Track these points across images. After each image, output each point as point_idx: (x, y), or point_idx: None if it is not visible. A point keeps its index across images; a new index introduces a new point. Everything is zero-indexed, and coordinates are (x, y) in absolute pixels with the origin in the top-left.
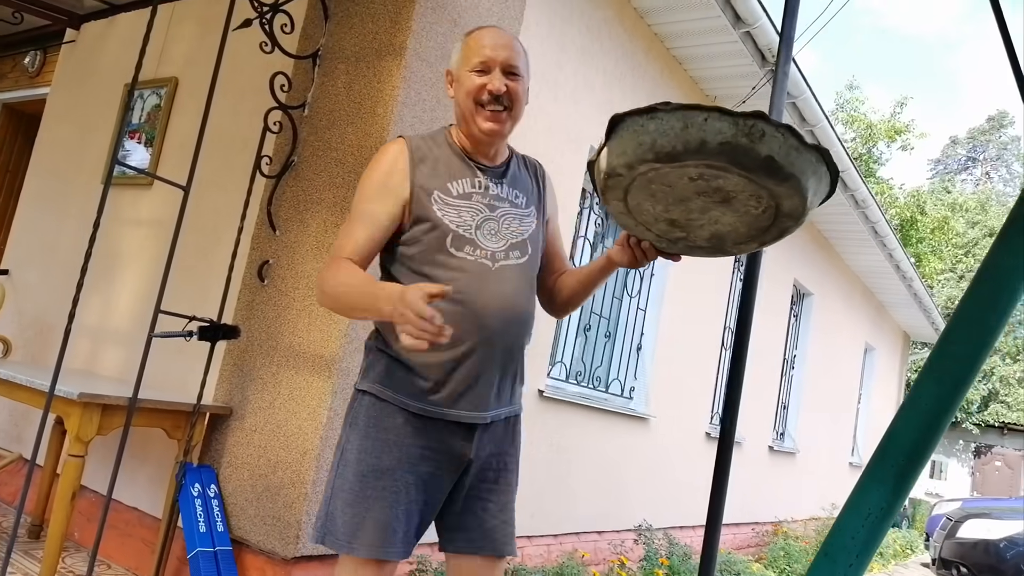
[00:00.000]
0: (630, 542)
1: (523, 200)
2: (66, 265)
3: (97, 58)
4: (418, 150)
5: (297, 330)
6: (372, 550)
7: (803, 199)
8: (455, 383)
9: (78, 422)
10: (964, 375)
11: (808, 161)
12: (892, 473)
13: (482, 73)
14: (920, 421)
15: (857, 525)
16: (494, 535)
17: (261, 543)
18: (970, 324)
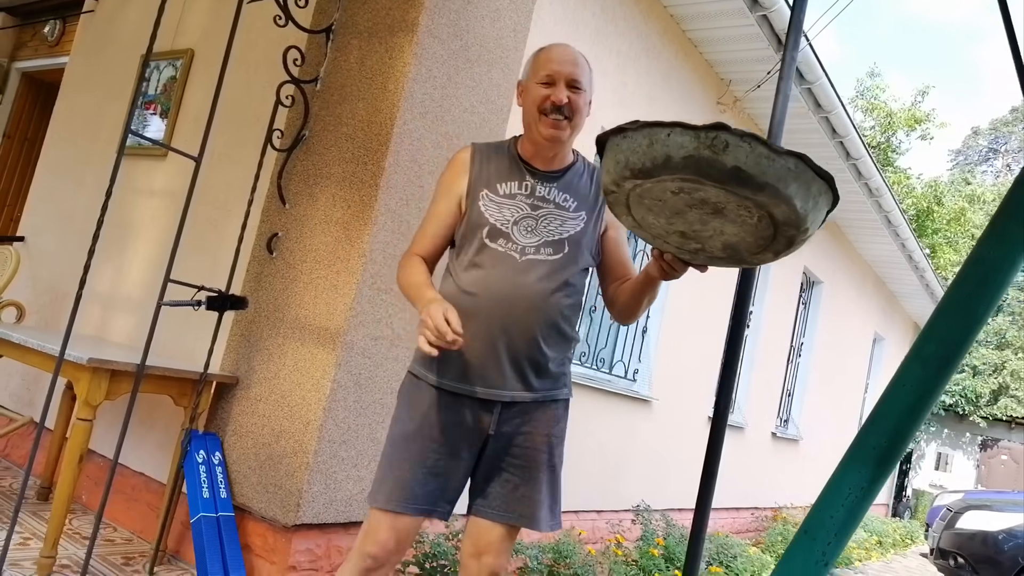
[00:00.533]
0: (628, 522)
1: (572, 204)
2: (81, 233)
3: (116, 28)
4: (481, 155)
5: (304, 303)
6: (387, 502)
7: (791, 206)
8: (466, 360)
9: (87, 387)
10: (949, 360)
11: (784, 168)
12: (873, 455)
13: (547, 85)
14: (903, 404)
15: (837, 504)
16: (512, 506)
17: (263, 510)
18: (957, 310)
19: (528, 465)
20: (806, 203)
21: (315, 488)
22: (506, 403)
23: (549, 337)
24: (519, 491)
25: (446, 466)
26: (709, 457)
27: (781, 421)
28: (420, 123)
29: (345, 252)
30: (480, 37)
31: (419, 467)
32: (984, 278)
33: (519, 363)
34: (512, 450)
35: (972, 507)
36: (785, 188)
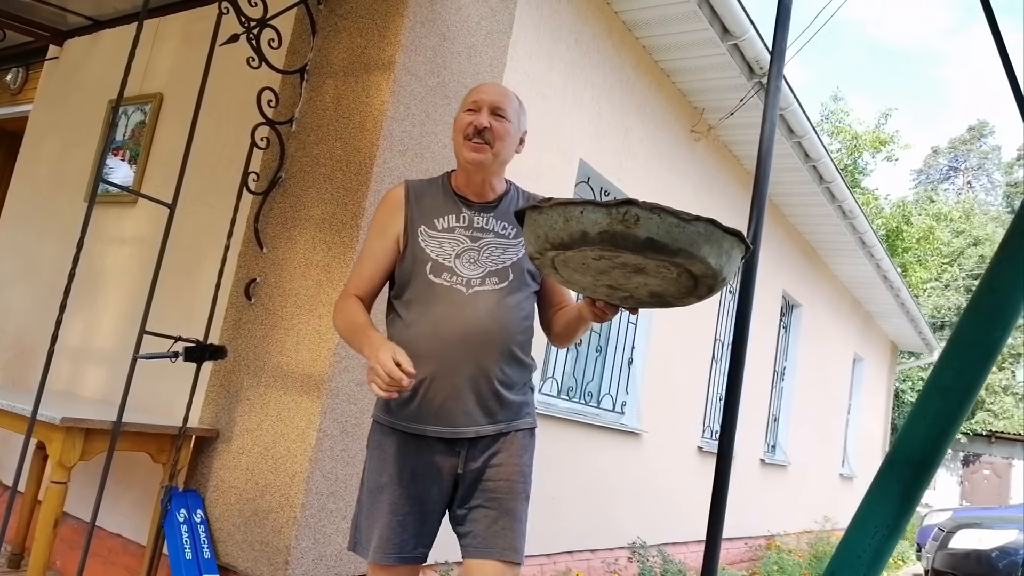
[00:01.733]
0: (624, 560)
1: (511, 231)
2: (48, 285)
3: (80, 74)
4: (415, 192)
5: (285, 350)
6: (376, 556)
7: (706, 264)
8: (426, 401)
9: (60, 447)
10: (968, 389)
11: (694, 233)
12: (897, 489)
13: (472, 112)
14: (925, 436)
15: (863, 543)
16: (495, 541)
17: (249, 569)
18: (973, 338)
19: (504, 497)
20: (719, 259)
21: (303, 544)
22: (471, 439)
23: (506, 367)
24: (499, 524)
25: (418, 513)
26: (716, 493)
27: (768, 447)
28: (400, 161)
29: (327, 296)
30: (457, 73)
31: (394, 517)
32: (997, 305)
33: (479, 397)
34: (486, 484)
35: (963, 526)
36: (698, 250)
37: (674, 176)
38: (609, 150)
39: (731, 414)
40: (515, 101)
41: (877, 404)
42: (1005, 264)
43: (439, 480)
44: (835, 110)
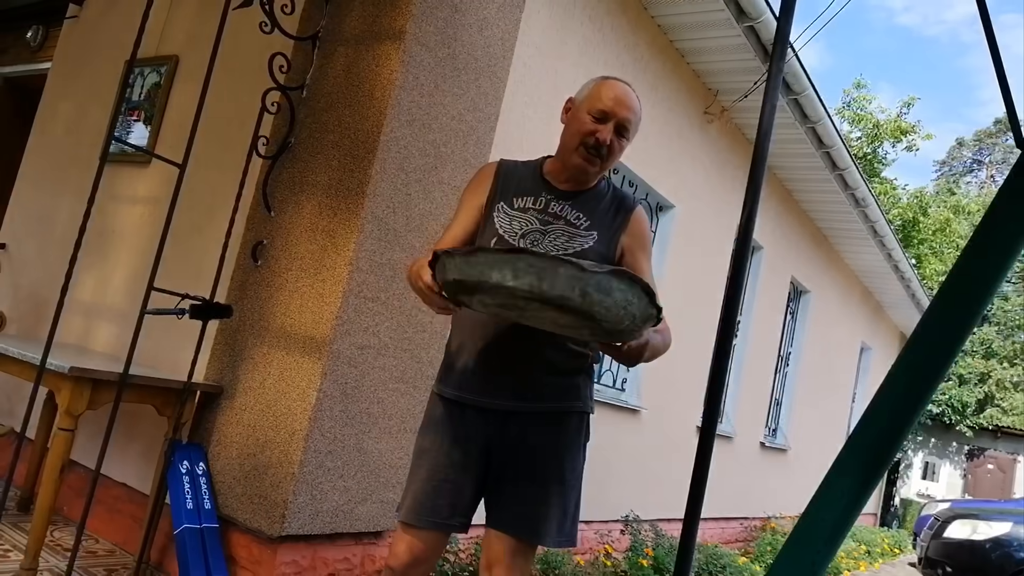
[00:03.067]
0: (617, 532)
1: (584, 222)
2: (62, 240)
3: (99, 34)
4: (506, 169)
5: (289, 311)
6: (407, 515)
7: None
8: (466, 370)
9: (68, 396)
10: (936, 369)
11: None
12: (861, 463)
13: (598, 121)
14: (891, 413)
15: (826, 513)
16: (521, 520)
17: (248, 521)
18: (943, 320)
19: (534, 478)
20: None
21: (301, 499)
22: (507, 413)
23: (551, 351)
24: (526, 504)
25: (456, 479)
26: (698, 467)
27: (769, 431)
28: (407, 131)
29: (331, 260)
30: (468, 45)
31: (430, 482)
32: (969, 288)
33: (519, 374)
34: (517, 462)
35: (959, 516)
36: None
37: (685, 158)
38: None
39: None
40: (639, 113)
41: None
42: (978, 250)
43: (476, 449)
44: (858, 97)
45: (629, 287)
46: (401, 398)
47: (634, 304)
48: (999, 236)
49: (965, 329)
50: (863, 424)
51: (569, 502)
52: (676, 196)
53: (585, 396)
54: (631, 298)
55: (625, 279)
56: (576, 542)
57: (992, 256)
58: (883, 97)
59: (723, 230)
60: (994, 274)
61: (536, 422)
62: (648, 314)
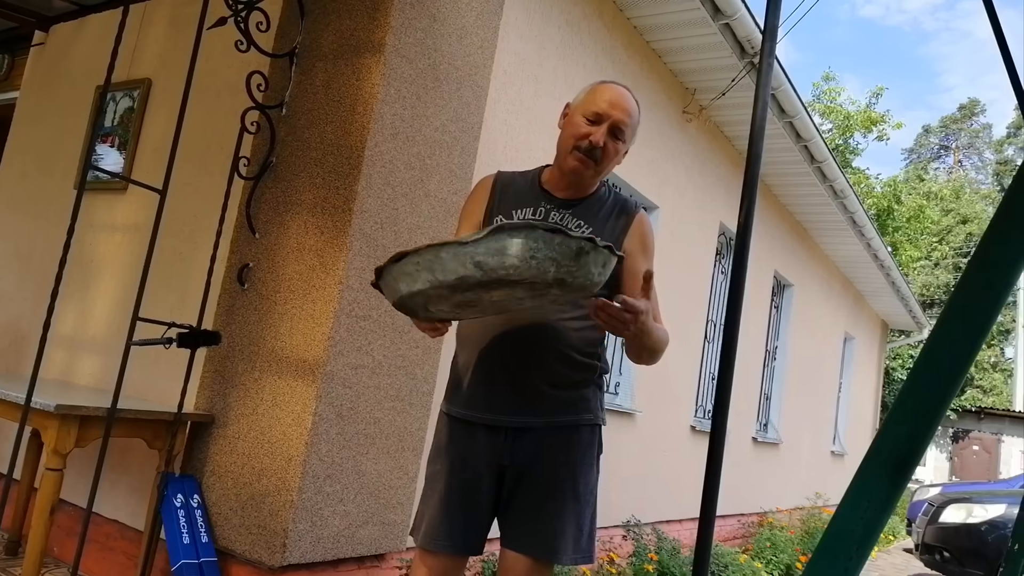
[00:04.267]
0: (619, 538)
1: (586, 230)
2: (40, 272)
3: (67, 60)
4: (503, 182)
5: (279, 334)
6: (423, 541)
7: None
8: (471, 387)
9: (55, 435)
10: (959, 365)
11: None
12: (888, 466)
13: (592, 123)
14: (916, 412)
15: (855, 519)
16: (537, 538)
17: (247, 553)
18: (965, 313)
19: (548, 494)
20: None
21: (301, 527)
22: (517, 429)
23: (557, 364)
24: (539, 521)
25: (467, 501)
26: (710, 472)
27: (760, 425)
28: (391, 145)
29: (320, 280)
30: (448, 55)
31: (443, 505)
32: (989, 280)
33: (525, 388)
34: (530, 478)
35: (953, 501)
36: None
37: (666, 158)
38: None
39: (724, 394)
40: (636, 116)
41: (868, 382)
42: (996, 240)
43: (487, 468)
44: (827, 90)
45: (527, 236)
46: (397, 416)
47: (541, 249)
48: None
49: (987, 324)
50: (888, 426)
51: (584, 518)
52: (659, 197)
53: (596, 408)
54: (534, 244)
55: (517, 230)
56: (593, 559)
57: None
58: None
59: (706, 228)
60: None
61: (548, 437)
62: (576, 250)
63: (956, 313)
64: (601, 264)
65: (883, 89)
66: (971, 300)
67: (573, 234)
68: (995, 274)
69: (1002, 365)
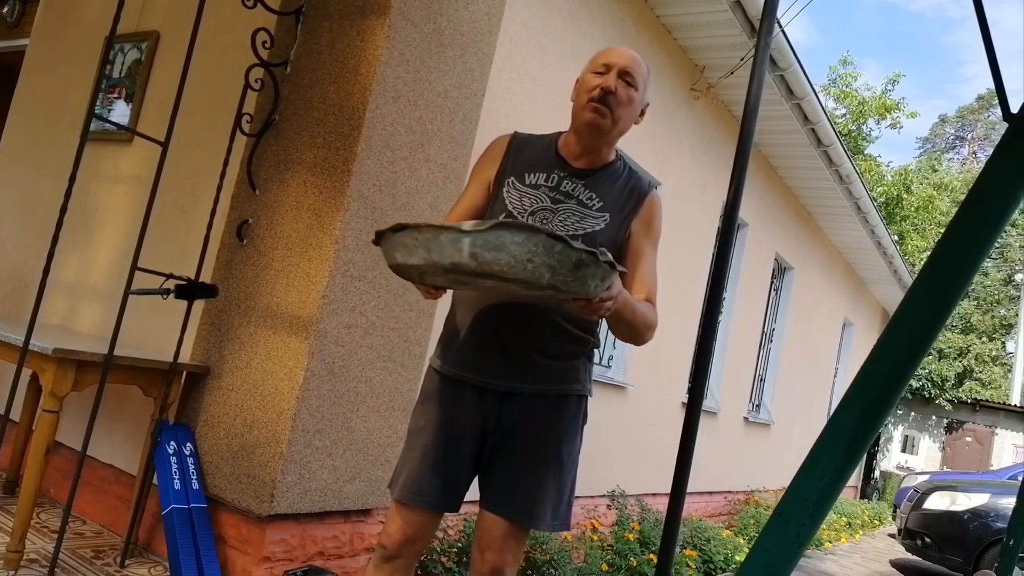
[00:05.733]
0: (603, 507)
1: (596, 203)
2: (44, 220)
3: (78, 9)
4: (519, 143)
5: (275, 291)
6: (400, 494)
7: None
8: (464, 347)
9: (52, 377)
10: (920, 344)
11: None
12: (845, 438)
13: (601, 74)
14: (875, 388)
15: (810, 487)
16: (517, 503)
17: (236, 501)
18: (928, 294)
19: (531, 460)
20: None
21: (289, 478)
22: (505, 394)
23: (549, 333)
24: (520, 486)
25: (450, 458)
26: (684, 442)
27: (753, 406)
28: (393, 108)
29: (317, 239)
30: (453, 20)
31: (424, 460)
32: (954, 262)
33: (517, 355)
34: (514, 443)
35: (938, 488)
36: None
37: (671, 134)
38: None
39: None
40: (645, 69)
41: None
42: (963, 224)
43: (471, 428)
44: (843, 74)
45: (527, 238)
46: (389, 377)
47: (540, 254)
48: (984, 210)
49: (949, 305)
50: (847, 400)
51: (565, 486)
52: (662, 174)
53: (584, 379)
54: (533, 247)
55: (519, 230)
56: (569, 526)
57: (977, 229)
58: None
59: (709, 207)
60: (979, 249)
61: (535, 404)
62: (575, 261)
63: (920, 294)
64: (600, 278)
65: (900, 76)
66: (934, 284)
67: (575, 245)
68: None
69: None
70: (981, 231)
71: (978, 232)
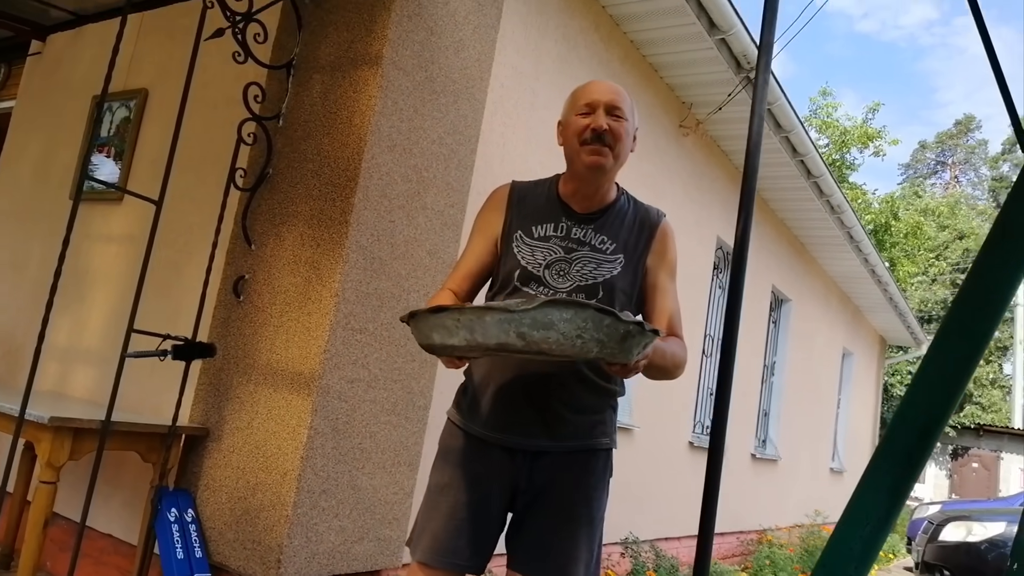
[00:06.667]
0: (617, 556)
1: (609, 246)
2: (35, 283)
3: (64, 70)
4: (519, 194)
5: (275, 347)
6: (424, 555)
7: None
8: (488, 408)
9: (49, 447)
10: (957, 381)
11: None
12: (888, 482)
13: (587, 115)
14: (915, 429)
15: (854, 536)
16: (549, 564)
17: (241, 568)
18: (961, 330)
19: (562, 518)
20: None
21: (296, 542)
22: (535, 452)
23: (577, 389)
24: (554, 546)
25: (476, 518)
26: (708, 488)
27: (759, 442)
28: (388, 157)
29: (316, 292)
30: (445, 68)
31: (451, 521)
32: (984, 297)
33: (545, 413)
34: (545, 502)
35: (952, 519)
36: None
37: (663, 172)
38: None
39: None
40: (627, 97)
41: (866, 398)
42: (992, 256)
43: (500, 488)
44: (823, 105)
45: (576, 314)
46: (394, 431)
47: (589, 329)
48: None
49: (983, 341)
50: (887, 442)
51: (595, 543)
52: None
53: (611, 431)
54: (583, 323)
55: (567, 307)
56: None
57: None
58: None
59: (704, 243)
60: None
61: (566, 461)
62: (623, 333)
63: (953, 329)
64: (643, 346)
65: (879, 105)
66: (969, 315)
67: (624, 318)
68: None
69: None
70: (1009, 264)
71: (1006, 265)
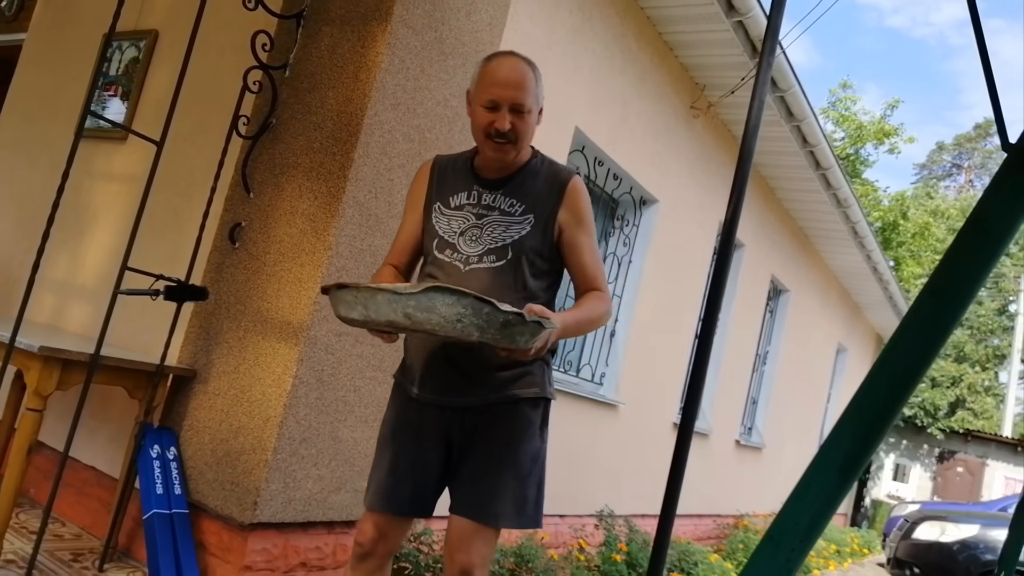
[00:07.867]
0: (591, 527)
1: (519, 208)
2: (36, 216)
3: (76, 6)
4: (441, 168)
5: (266, 295)
6: (371, 501)
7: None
8: (420, 370)
9: (37, 376)
10: (915, 371)
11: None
12: (838, 463)
13: (491, 110)
14: (869, 414)
15: (801, 511)
16: (476, 502)
17: (218, 508)
18: (924, 321)
19: (489, 461)
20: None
21: (273, 487)
22: (462, 408)
23: (495, 352)
24: (481, 487)
25: (415, 469)
26: (675, 463)
27: (745, 429)
28: (392, 115)
29: (311, 244)
30: (455, 30)
31: (392, 474)
32: (951, 288)
33: (467, 372)
34: (475, 450)
35: (928, 518)
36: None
37: (670, 152)
38: (606, 120)
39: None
40: (532, 81)
41: None
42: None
43: (435, 444)
44: (843, 97)
45: (457, 300)
46: (378, 387)
47: (468, 316)
48: (982, 238)
49: (945, 332)
50: (841, 424)
51: (527, 486)
52: (660, 191)
53: (542, 382)
54: (462, 309)
55: (449, 294)
56: (540, 524)
57: (975, 257)
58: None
59: (706, 226)
60: (976, 276)
61: (491, 412)
62: (502, 322)
63: (915, 321)
64: (529, 334)
65: (898, 102)
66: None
67: (502, 308)
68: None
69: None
70: (978, 258)
71: (975, 259)
